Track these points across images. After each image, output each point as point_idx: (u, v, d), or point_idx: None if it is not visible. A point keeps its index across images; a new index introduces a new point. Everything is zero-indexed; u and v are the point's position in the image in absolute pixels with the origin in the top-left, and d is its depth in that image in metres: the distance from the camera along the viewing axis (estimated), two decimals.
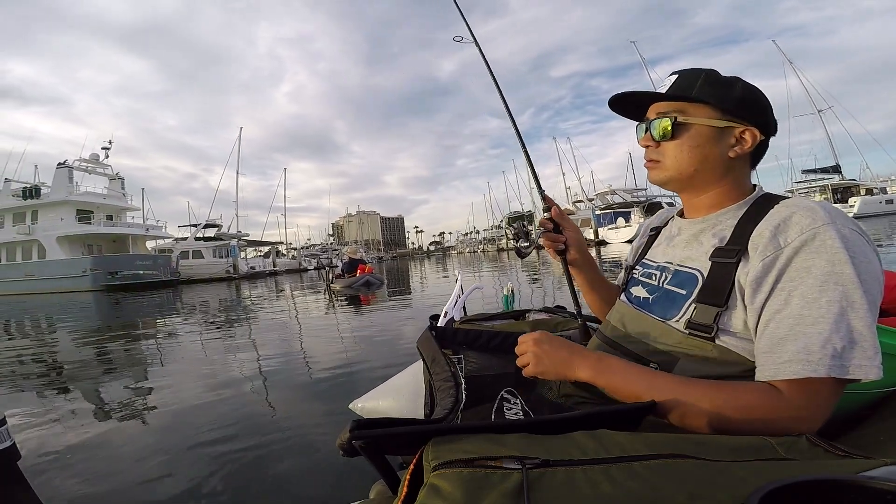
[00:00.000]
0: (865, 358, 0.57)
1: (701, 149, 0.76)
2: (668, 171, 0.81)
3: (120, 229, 27.01)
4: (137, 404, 2.98)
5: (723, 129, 0.75)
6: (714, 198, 0.80)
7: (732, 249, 0.69)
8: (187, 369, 3.98)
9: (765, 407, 0.59)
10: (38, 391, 3.49)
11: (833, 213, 0.64)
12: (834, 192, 34.55)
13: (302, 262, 41.05)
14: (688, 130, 0.77)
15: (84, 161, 27.59)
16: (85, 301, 15.08)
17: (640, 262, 0.94)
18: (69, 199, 25.32)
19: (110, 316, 9.86)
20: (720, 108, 0.75)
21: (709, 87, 0.75)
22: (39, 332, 7.74)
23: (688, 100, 0.77)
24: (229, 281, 26.26)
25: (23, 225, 25.15)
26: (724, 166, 0.77)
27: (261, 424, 2.40)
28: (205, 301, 12.28)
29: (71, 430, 2.47)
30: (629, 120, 0.90)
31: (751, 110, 0.75)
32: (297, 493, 1.66)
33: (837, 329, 0.57)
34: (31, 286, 23.28)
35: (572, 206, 46.90)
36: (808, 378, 0.58)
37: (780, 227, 0.65)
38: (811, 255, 0.61)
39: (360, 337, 4.98)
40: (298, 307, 8.92)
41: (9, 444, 0.94)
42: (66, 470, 1.97)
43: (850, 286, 0.58)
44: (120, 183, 29.82)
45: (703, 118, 0.75)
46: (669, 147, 0.79)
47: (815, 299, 0.59)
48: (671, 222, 0.93)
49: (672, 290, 0.77)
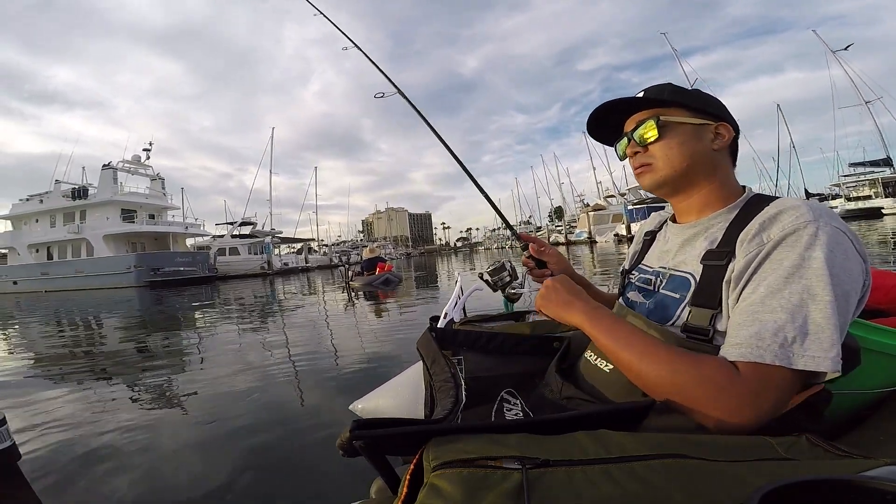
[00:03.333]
0: (820, 350, 0.57)
1: (688, 145, 0.79)
2: (662, 171, 0.82)
3: (162, 228, 28.04)
4: (145, 397, 3.06)
5: (700, 125, 0.79)
6: (705, 198, 0.82)
7: (723, 251, 0.70)
8: (195, 367, 4.06)
9: (718, 381, 0.59)
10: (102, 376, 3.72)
11: (818, 210, 0.64)
12: (885, 186, 32.91)
13: (333, 259, 41.76)
14: (672, 129, 0.80)
15: (127, 162, 28.64)
16: (130, 296, 15.57)
17: (636, 267, 0.94)
18: (114, 199, 26.36)
19: (155, 310, 10.25)
20: (691, 109, 0.80)
21: (677, 94, 0.81)
22: (104, 323, 8.15)
23: (663, 104, 0.81)
24: (263, 277, 26.85)
25: (72, 224, 26.34)
26: (712, 161, 0.80)
27: (260, 424, 2.41)
28: (245, 295, 12.64)
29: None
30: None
31: (717, 109, 0.80)
32: (296, 493, 1.67)
33: (793, 319, 0.58)
34: (81, 282, 24.32)
35: (604, 200, 46.00)
36: (761, 364, 0.58)
37: (765, 225, 0.66)
38: (786, 248, 0.63)
39: (370, 336, 4.99)
40: (318, 305, 9.03)
41: (9, 444, 0.95)
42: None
43: (814, 280, 0.59)
44: (161, 183, 30.88)
45: (681, 117, 0.80)
46: (657, 148, 0.81)
47: (778, 289, 0.61)
48: (665, 227, 0.94)
49: (667, 294, 0.78)
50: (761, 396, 0.58)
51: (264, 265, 30.05)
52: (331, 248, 53.61)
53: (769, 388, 0.58)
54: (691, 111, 0.80)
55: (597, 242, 35.44)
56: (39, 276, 25.91)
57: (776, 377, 0.58)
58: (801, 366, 0.57)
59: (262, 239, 32.76)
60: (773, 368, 0.58)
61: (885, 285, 1.31)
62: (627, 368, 0.68)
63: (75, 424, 2.56)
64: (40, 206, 28.06)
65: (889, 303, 1.28)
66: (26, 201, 29.13)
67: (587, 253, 21.84)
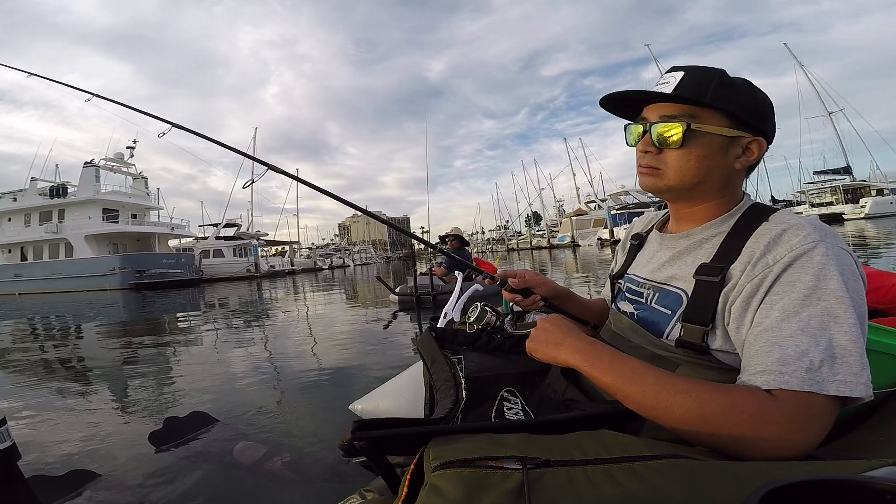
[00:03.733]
0: (851, 374, 0.54)
1: (709, 159, 0.70)
2: (669, 182, 0.74)
3: (147, 228, 27.15)
4: (144, 400, 3.00)
5: (732, 138, 0.70)
6: (706, 211, 0.76)
7: (717, 267, 0.67)
8: (196, 366, 4.01)
9: (752, 409, 0.54)
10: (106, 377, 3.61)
11: (823, 230, 0.62)
12: (845, 193, 34.59)
13: (317, 262, 41.44)
14: (698, 139, 0.70)
15: (110, 160, 27.62)
16: (115, 299, 15.04)
17: (624, 274, 0.92)
18: (96, 198, 25.40)
19: (143, 313, 9.87)
20: (732, 117, 0.69)
21: (724, 92, 0.68)
22: (90, 328, 7.78)
23: (702, 105, 0.69)
24: (251, 280, 26.35)
25: (50, 223, 25.17)
26: (728, 178, 0.73)
27: (260, 424, 2.39)
28: (231, 299, 12.32)
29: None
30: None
31: (763, 120, 0.70)
32: (296, 493, 1.66)
33: (817, 343, 0.55)
34: (58, 284, 23.32)
35: (584, 206, 46.51)
36: (789, 391, 0.54)
37: (770, 245, 0.63)
38: (798, 270, 0.59)
39: (364, 338, 4.93)
40: (309, 306, 8.92)
41: (9, 445, 0.94)
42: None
43: (834, 301, 0.56)
44: (143, 182, 30.12)
45: (717, 126, 0.69)
46: (673, 156, 0.72)
47: (796, 312, 0.57)
48: (653, 235, 0.89)
49: (658, 309, 0.75)
50: (804, 423, 0.54)
51: (251, 268, 29.59)
52: (314, 251, 53.16)
53: (809, 414, 0.54)
54: (731, 120, 0.69)
55: (580, 246, 35.83)
56: (12, 278, 24.74)
57: (811, 403, 0.54)
58: (833, 391, 0.53)
59: (248, 241, 32.31)
60: (805, 395, 0.54)
61: (885, 285, 1.31)
62: (639, 403, 0.61)
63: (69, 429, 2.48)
64: (13, 204, 26.92)
65: (889, 303, 1.28)
66: None
67: (570, 257, 21.97)
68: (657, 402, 0.59)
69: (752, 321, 0.61)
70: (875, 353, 0.88)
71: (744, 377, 0.60)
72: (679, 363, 0.70)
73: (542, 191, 62.26)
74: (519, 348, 1.01)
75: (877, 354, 0.88)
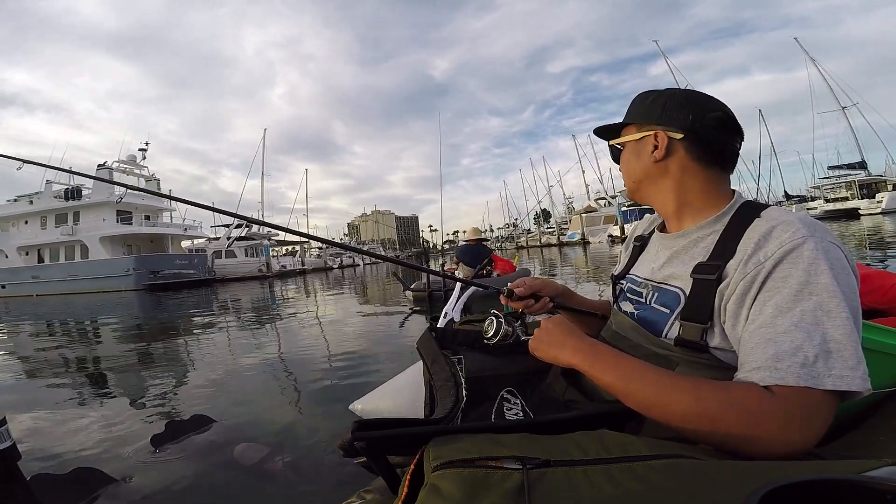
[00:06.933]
0: (846, 368, 0.54)
1: (629, 164, 0.85)
2: (628, 187, 0.88)
3: (160, 229, 27.55)
4: (149, 401, 3.01)
5: (640, 139, 0.82)
6: (682, 209, 0.80)
7: (713, 265, 0.69)
8: (201, 366, 4.06)
9: (750, 404, 0.55)
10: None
11: (812, 225, 0.63)
12: (860, 188, 34.14)
13: (327, 262, 41.67)
14: (624, 150, 0.86)
15: (123, 163, 28.05)
16: (130, 299, 15.25)
17: (626, 275, 0.93)
18: (110, 200, 25.73)
19: (157, 314, 10.00)
20: (638, 123, 0.82)
21: (633, 108, 0.84)
22: (106, 330, 7.90)
23: (623, 126, 0.86)
24: (262, 279, 26.52)
25: (66, 226, 25.66)
26: (659, 173, 0.81)
27: (260, 423, 2.40)
28: (244, 298, 12.45)
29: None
30: None
31: (665, 112, 0.78)
32: (296, 493, 1.67)
33: (811, 338, 0.56)
34: (74, 286, 23.75)
35: (594, 203, 46.16)
36: (786, 387, 0.55)
37: (760, 242, 0.64)
38: (789, 265, 0.61)
39: (366, 338, 4.95)
40: (319, 306, 8.97)
41: (9, 445, 0.95)
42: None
43: (825, 296, 0.57)
44: (156, 184, 30.48)
45: (626, 137, 0.84)
46: (621, 168, 0.89)
47: (789, 308, 0.58)
48: (655, 236, 0.92)
49: (658, 308, 0.77)
50: (803, 418, 0.54)
51: (262, 267, 29.82)
52: (324, 251, 53.42)
53: (807, 409, 0.54)
54: (638, 126, 0.82)
55: (590, 244, 35.52)
56: (30, 280, 25.26)
57: (809, 398, 0.54)
58: (829, 386, 0.54)
59: (260, 241, 32.55)
60: (802, 390, 0.54)
61: (885, 285, 1.31)
62: (639, 402, 0.63)
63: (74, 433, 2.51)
64: (30, 207, 27.47)
65: (889, 303, 1.27)
66: (14, 202, 28.53)
67: (580, 254, 21.81)
68: (657, 399, 0.61)
69: (746, 318, 0.63)
70: (875, 353, 0.88)
71: (741, 374, 0.61)
72: (678, 362, 0.70)
73: (551, 188, 61.87)
74: (519, 349, 1.00)
75: (877, 354, 0.87)
